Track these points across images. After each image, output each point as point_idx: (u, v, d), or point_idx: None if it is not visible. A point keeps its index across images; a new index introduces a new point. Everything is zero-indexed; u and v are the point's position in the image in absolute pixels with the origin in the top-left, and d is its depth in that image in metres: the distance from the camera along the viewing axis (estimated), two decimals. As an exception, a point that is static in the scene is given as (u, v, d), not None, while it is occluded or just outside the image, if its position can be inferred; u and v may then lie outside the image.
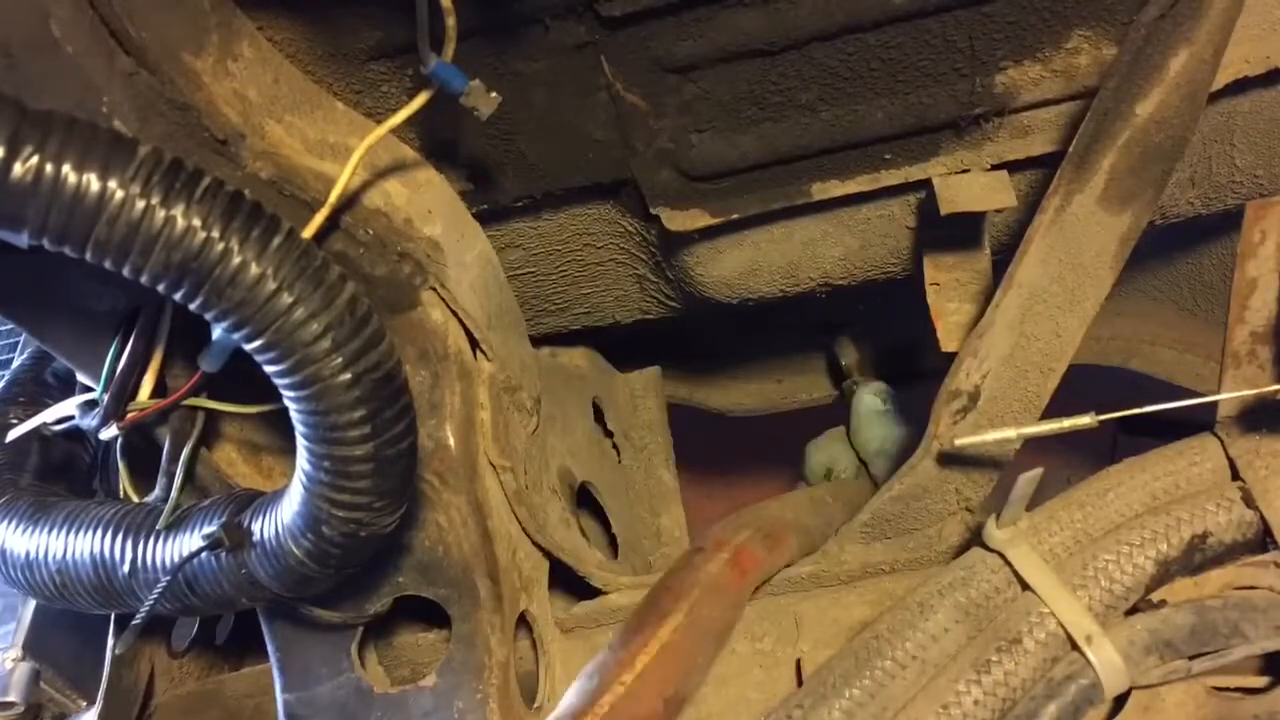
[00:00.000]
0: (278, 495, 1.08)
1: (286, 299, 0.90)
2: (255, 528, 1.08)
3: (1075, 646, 1.08)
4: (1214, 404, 1.19)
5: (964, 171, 1.31)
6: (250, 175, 1.09)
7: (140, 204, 0.84)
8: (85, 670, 1.51)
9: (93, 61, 0.95)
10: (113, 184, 0.83)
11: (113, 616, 1.39)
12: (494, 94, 1.08)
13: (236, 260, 0.88)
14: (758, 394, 2.16)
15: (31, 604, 1.52)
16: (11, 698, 1.45)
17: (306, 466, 0.99)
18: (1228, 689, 1.11)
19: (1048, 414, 1.20)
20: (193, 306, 0.90)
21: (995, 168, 1.32)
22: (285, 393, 0.95)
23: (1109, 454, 1.24)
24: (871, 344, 2.07)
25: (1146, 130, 1.13)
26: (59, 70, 0.94)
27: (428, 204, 1.22)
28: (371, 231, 1.16)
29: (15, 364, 1.45)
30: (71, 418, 1.21)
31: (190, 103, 1.03)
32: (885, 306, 1.78)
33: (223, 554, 1.08)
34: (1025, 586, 1.13)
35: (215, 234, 0.87)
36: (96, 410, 1.15)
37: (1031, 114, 1.27)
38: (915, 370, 2.02)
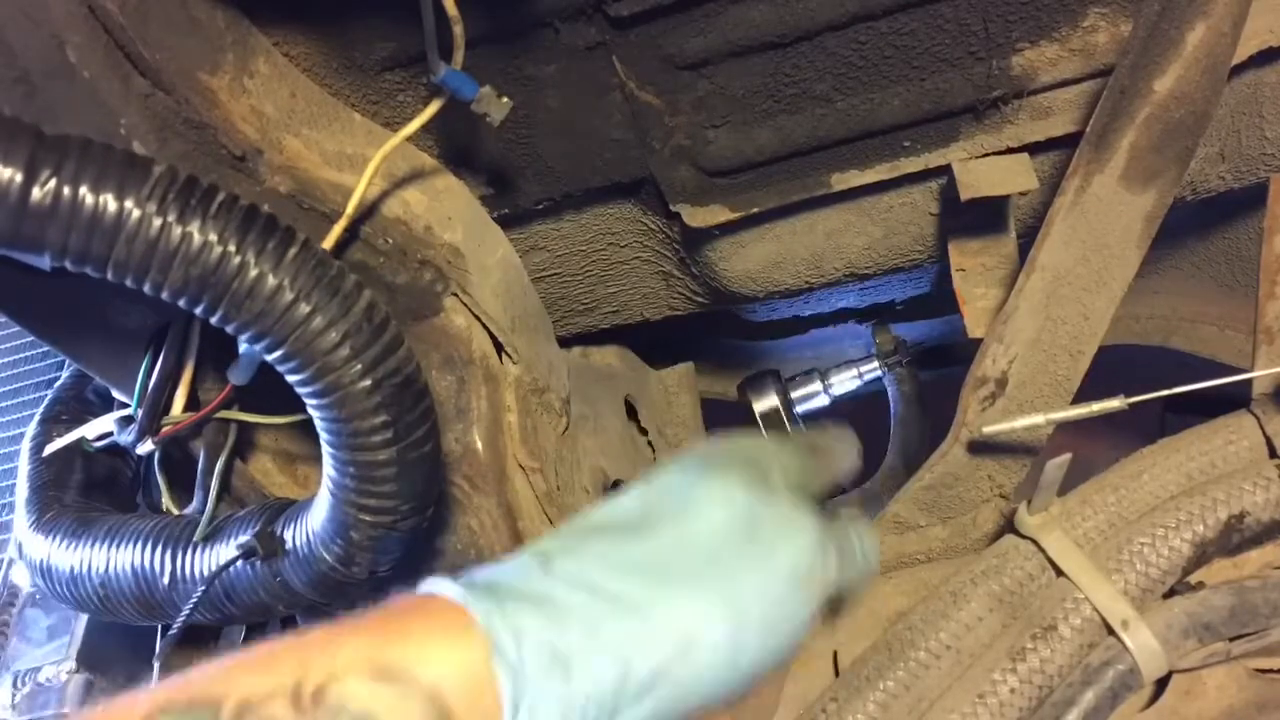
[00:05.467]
0: (308, 503, 1.09)
1: (304, 309, 0.91)
2: (287, 535, 1.09)
3: (1111, 632, 1.07)
4: (1250, 381, 1.17)
5: (984, 155, 1.29)
6: (269, 190, 1.10)
7: (157, 222, 0.85)
8: (139, 681, 1.52)
9: (109, 85, 0.97)
10: (129, 203, 0.84)
11: (159, 627, 1.42)
12: (506, 99, 1.08)
13: (253, 273, 0.89)
14: (792, 386, 2.14)
15: (84, 617, 1.54)
16: (67, 710, 1.47)
17: (332, 473, 1.01)
18: (1270, 670, 1.09)
19: (1087, 397, 1.18)
20: (214, 320, 0.91)
21: (1017, 150, 1.30)
22: (308, 401, 0.96)
23: (1157, 435, 1.22)
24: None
25: (1166, 106, 1.11)
26: (77, 95, 0.96)
27: (447, 210, 1.23)
28: (391, 240, 1.17)
29: (58, 382, 1.48)
30: (110, 433, 1.24)
31: (207, 121, 1.04)
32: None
33: (257, 562, 1.10)
34: (1059, 572, 1.12)
35: (231, 248, 0.88)
36: (132, 426, 1.17)
37: (1051, 94, 1.25)
38: (952, 357, 2.01)
